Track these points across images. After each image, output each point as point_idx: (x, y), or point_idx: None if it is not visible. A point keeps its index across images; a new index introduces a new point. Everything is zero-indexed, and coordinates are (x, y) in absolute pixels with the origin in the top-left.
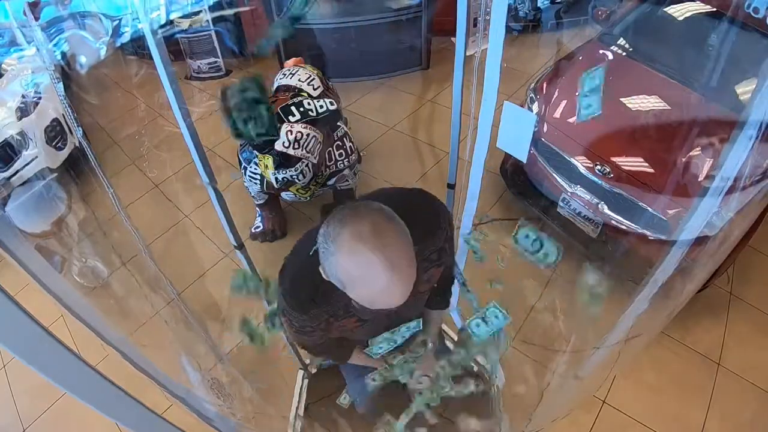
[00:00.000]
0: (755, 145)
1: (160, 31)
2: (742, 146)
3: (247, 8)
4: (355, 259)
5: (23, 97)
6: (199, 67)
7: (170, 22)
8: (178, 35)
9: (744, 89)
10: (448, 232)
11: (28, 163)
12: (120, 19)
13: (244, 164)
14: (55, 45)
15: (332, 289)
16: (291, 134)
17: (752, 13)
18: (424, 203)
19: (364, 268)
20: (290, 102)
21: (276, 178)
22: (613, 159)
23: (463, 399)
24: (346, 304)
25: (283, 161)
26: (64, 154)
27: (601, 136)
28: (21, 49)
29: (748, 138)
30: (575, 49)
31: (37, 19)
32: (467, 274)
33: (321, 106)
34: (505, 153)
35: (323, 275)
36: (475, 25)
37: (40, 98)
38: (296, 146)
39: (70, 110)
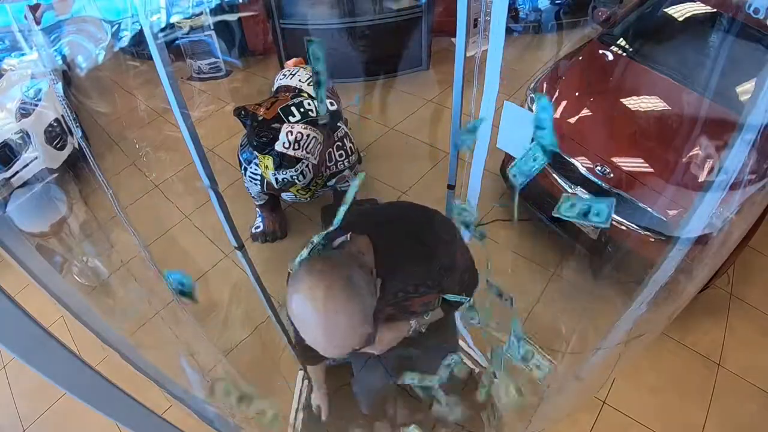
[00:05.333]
0: (755, 146)
1: (160, 34)
2: (742, 148)
3: (248, 13)
4: (300, 313)
5: (22, 101)
6: (199, 67)
7: (171, 26)
8: (179, 39)
9: (744, 89)
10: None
11: (27, 164)
12: (120, 23)
13: (244, 165)
14: (56, 49)
15: None
16: (291, 135)
17: (752, 14)
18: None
19: (303, 323)
20: (290, 102)
21: (276, 179)
22: (614, 159)
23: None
24: None
25: (284, 162)
26: (64, 154)
27: (601, 136)
28: (23, 54)
29: (747, 141)
30: (575, 49)
31: (38, 23)
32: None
33: None
34: (505, 153)
35: None
36: (475, 26)
37: (40, 100)
38: (296, 147)
39: (69, 111)
